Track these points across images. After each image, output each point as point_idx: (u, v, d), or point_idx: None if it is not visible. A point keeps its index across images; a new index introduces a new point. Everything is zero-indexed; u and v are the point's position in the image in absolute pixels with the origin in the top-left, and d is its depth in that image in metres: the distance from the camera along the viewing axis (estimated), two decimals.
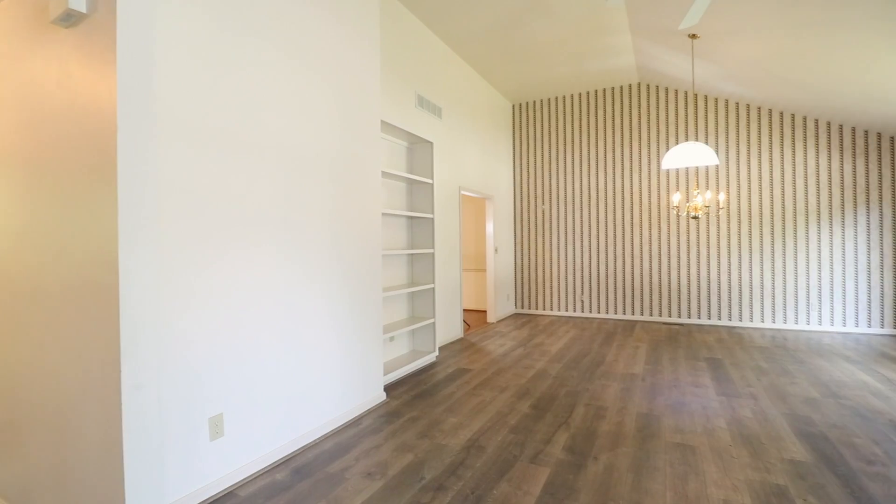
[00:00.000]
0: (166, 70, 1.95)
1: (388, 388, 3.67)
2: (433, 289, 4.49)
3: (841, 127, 5.77)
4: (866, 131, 5.66)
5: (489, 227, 6.78)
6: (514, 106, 7.69)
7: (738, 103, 6.24)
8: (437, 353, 4.56)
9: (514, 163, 7.71)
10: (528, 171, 7.59)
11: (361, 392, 3.18)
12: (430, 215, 4.45)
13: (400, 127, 3.96)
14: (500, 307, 6.97)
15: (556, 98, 7.35)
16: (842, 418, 2.97)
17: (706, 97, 6.41)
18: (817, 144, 5.87)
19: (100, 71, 1.73)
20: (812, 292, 5.89)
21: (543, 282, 7.46)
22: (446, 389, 3.64)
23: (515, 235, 7.69)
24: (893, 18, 3.40)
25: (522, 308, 7.62)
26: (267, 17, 2.45)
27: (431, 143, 4.50)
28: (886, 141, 5.58)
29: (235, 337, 2.25)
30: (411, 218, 4.61)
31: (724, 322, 6.32)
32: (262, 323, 2.41)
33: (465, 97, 5.95)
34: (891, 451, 2.51)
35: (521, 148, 7.64)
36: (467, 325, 6.41)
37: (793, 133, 5.98)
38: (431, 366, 4.34)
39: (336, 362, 2.95)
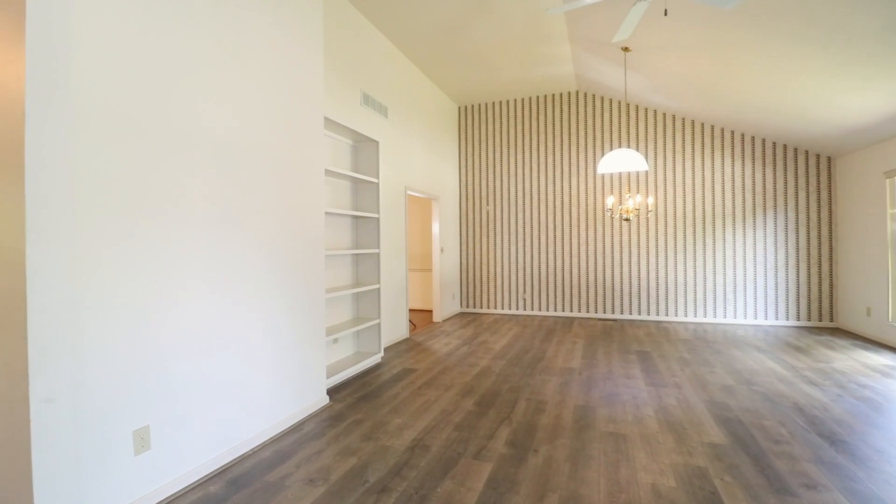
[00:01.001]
0: (83, 54, 1.78)
1: (332, 392, 3.59)
2: (378, 289, 4.45)
3: (753, 138, 6.37)
4: (774, 143, 6.29)
5: (435, 227, 6.82)
6: (459, 108, 7.78)
7: (665, 114, 6.72)
8: (382, 353, 4.52)
9: (459, 164, 7.81)
10: (473, 173, 7.72)
11: (303, 396, 3.09)
12: (375, 215, 4.40)
13: (344, 125, 3.89)
14: (445, 306, 7.03)
15: (501, 102, 7.53)
16: (753, 403, 3.29)
17: (637, 107, 6.84)
18: (733, 154, 6.45)
19: (5, 51, 1.56)
20: (728, 288, 6.46)
21: (488, 281, 7.62)
22: (391, 390, 3.62)
23: (461, 235, 7.80)
24: (803, 42, 3.81)
25: (468, 307, 7.74)
26: (200, 4, 2.32)
27: (377, 143, 4.45)
28: (791, 152, 6.23)
29: (161, 342, 2.11)
30: (356, 217, 4.54)
31: (653, 317, 6.77)
32: (194, 327, 2.27)
33: (412, 97, 5.95)
34: (794, 431, 2.81)
35: (466, 149, 7.75)
36: (413, 325, 6.41)
37: (712, 143, 6.53)
38: (377, 367, 4.30)
39: (275, 366, 2.84)
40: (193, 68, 2.28)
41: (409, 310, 8.01)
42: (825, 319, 6.12)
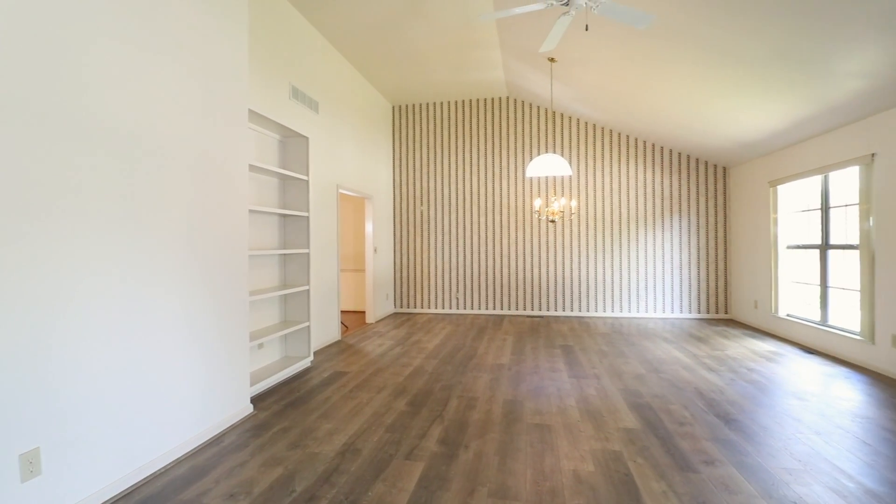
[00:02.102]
0: None
1: (257, 400, 3.41)
2: (308, 290, 4.29)
3: (662, 148, 6.99)
4: (680, 153, 6.94)
5: (368, 227, 6.72)
6: (394, 107, 7.74)
7: (587, 123, 7.16)
8: (312, 357, 4.37)
9: (394, 163, 7.76)
10: (407, 173, 7.71)
11: (224, 407, 2.91)
12: (304, 213, 4.25)
13: (271, 118, 3.70)
14: (379, 307, 6.96)
15: (435, 103, 7.59)
16: (662, 389, 3.60)
17: (562, 115, 7.22)
18: (645, 162, 7.03)
19: None
20: (640, 285, 7.04)
21: (421, 281, 7.65)
22: (321, 395, 3.51)
23: (395, 235, 7.75)
24: (702, 64, 4.24)
25: (401, 307, 7.71)
26: None
27: (307, 138, 4.30)
28: (693, 162, 6.92)
29: (52, 355, 1.88)
30: (284, 216, 4.35)
31: (576, 313, 7.20)
32: (93, 337, 2.05)
33: (345, 94, 5.81)
34: (695, 413, 3.13)
35: (401, 149, 7.73)
36: (345, 327, 6.26)
37: (628, 151, 7.07)
38: (306, 371, 4.15)
39: (192, 376, 2.64)
40: (94, 49, 2.05)
41: (341, 311, 7.81)
42: (721, 312, 6.87)
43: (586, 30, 3.01)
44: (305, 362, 4.28)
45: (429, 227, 7.65)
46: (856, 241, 4.36)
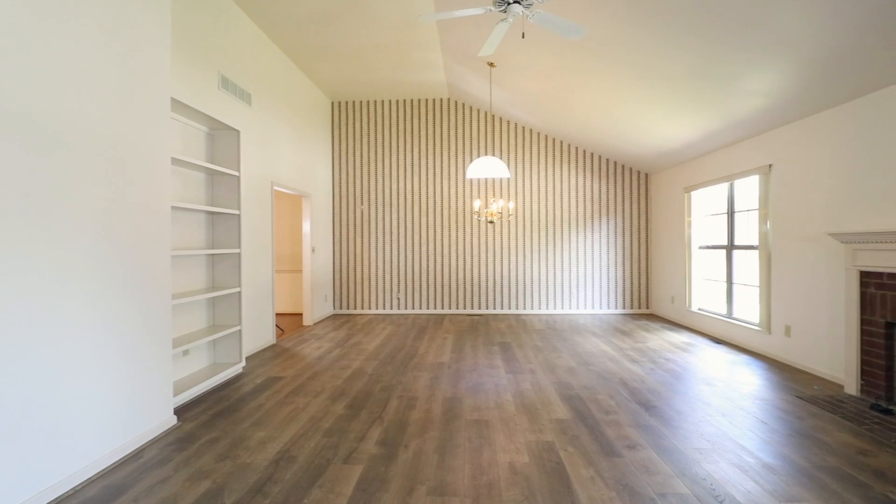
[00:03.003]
0: None
1: (182, 410, 3.19)
2: (239, 293, 4.08)
3: (592, 154, 7.41)
4: (608, 159, 7.40)
5: (306, 226, 6.50)
6: (333, 103, 7.55)
7: (524, 127, 7.42)
8: (244, 363, 4.16)
9: (333, 161, 7.57)
10: (347, 171, 7.56)
11: (143, 419, 2.69)
12: (235, 211, 4.03)
13: (198, 109, 3.48)
14: (317, 309, 6.76)
15: (377, 101, 7.51)
16: (590, 381, 3.83)
17: (501, 119, 7.43)
18: (577, 166, 7.42)
19: None
20: (573, 283, 7.42)
21: (362, 281, 7.53)
22: (254, 402, 3.36)
23: (334, 235, 7.57)
24: (626, 78, 4.54)
25: (341, 308, 7.55)
26: None
27: (238, 132, 4.08)
28: (619, 168, 7.40)
29: None
30: (213, 214, 4.10)
31: (514, 311, 7.44)
32: None
33: (281, 87, 5.58)
34: (620, 401, 3.35)
35: (340, 146, 7.56)
36: (280, 331, 6.02)
37: (562, 156, 7.42)
38: (237, 378, 3.94)
39: (107, 387, 2.42)
40: None
41: (276, 314, 7.50)
42: (643, 307, 7.41)
43: (522, 37, 3.13)
44: (237, 368, 4.06)
45: (369, 226, 7.55)
46: (756, 242, 4.89)
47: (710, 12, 3.15)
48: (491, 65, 5.39)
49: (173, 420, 2.95)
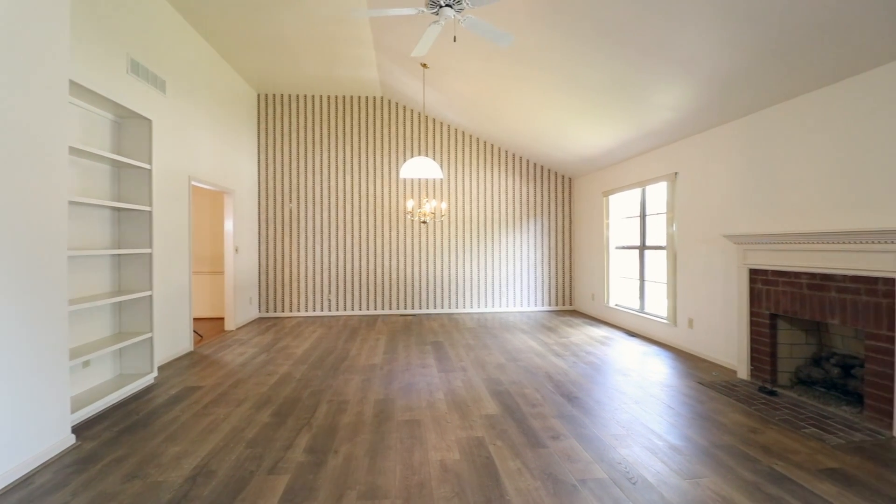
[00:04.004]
0: None
1: (82, 428, 2.87)
2: (150, 296, 3.75)
3: (521, 158, 7.70)
4: (535, 163, 7.74)
5: (228, 224, 6.11)
6: (259, 95, 7.16)
7: (457, 129, 7.54)
8: (155, 373, 3.83)
9: (259, 156, 7.18)
10: (275, 167, 7.21)
11: (33, 441, 2.38)
12: (146, 207, 3.69)
13: (102, 94, 3.14)
14: (240, 312, 6.38)
15: (307, 96, 7.23)
16: (518, 376, 3.98)
17: (434, 120, 7.49)
18: (507, 169, 7.68)
19: None
20: (503, 282, 7.67)
21: (290, 282, 7.23)
22: (167, 415, 3.10)
23: (260, 234, 7.19)
24: (551, 86, 4.77)
25: (268, 311, 7.19)
26: None
27: (150, 121, 3.74)
28: (546, 172, 7.77)
29: None
30: (120, 210, 3.73)
31: (447, 310, 7.54)
32: None
33: (201, 75, 5.19)
34: (545, 394, 3.52)
35: (267, 141, 7.19)
36: (199, 337, 5.61)
37: (493, 159, 7.64)
38: (148, 390, 3.62)
39: None
40: None
41: (195, 319, 6.98)
42: (567, 304, 7.85)
43: (454, 41, 3.18)
44: (147, 379, 3.73)
45: (298, 225, 7.26)
46: (664, 243, 5.37)
47: (623, 32, 3.41)
48: (424, 66, 5.41)
49: (72, 439, 2.64)
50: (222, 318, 6.88)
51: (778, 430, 2.83)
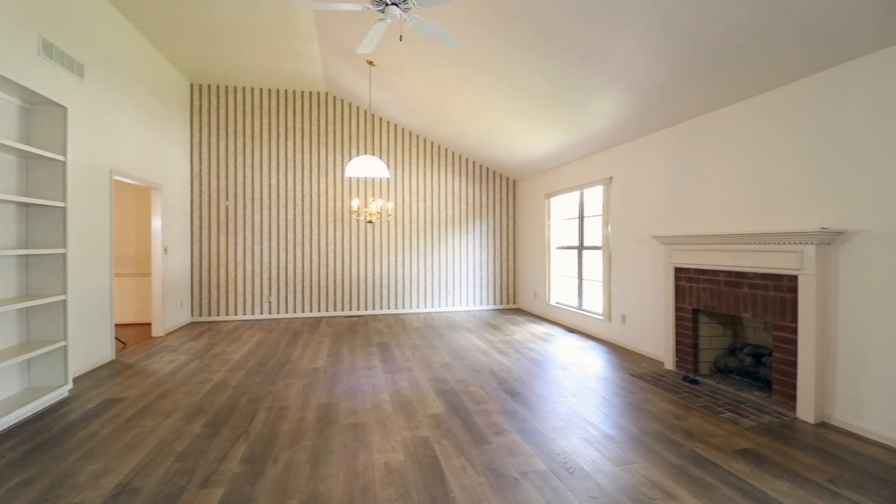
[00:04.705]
0: None
1: None
2: (64, 301, 3.41)
3: (468, 160, 7.81)
4: (481, 165, 7.87)
5: (156, 223, 5.69)
6: (193, 85, 6.72)
7: (404, 129, 7.51)
8: (70, 385, 3.49)
9: (192, 150, 6.74)
10: (210, 162, 6.80)
11: None
12: (59, 203, 3.35)
13: (4, 75, 2.81)
14: (170, 317, 5.96)
15: (246, 88, 6.89)
16: (464, 374, 4.03)
17: (381, 119, 7.41)
18: (454, 170, 7.76)
19: None
20: (450, 282, 7.74)
21: (227, 285, 6.86)
22: (84, 430, 2.84)
23: (193, 233, 6.76)
24: (495, 90, 4.87)
25: (201, 315, 6.77)
26: None
27: (65, 108, 3.40)
28: (491, 174, 7.93)
29: None
30: (27, 206, 3.36)
31: (393, 310, 7.49)
32: None
33: (125, 61, 4.78)
34: (489, 391, 3.59)
35: (202, 134, 6.76)
36: (122, 344, 5.19)
37: (440, 159, 7.69)
38: (62, 404, 3.29)
39: None
40: None
41: (117, 325, 6.44)
42: (511, 303, 8.06)
43: (400, 40, 3.17)
44: (61, 392, 3.39)
45: (236, 224, 6.90)
46: (600, 243, 5.66)
47: (563, 40, 3.56)
48: (371, 63, 5.34)
49: None
50: (149, 324, 6.40)
51: (699, 416, 3.08)
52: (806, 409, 3.00)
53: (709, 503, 2.06)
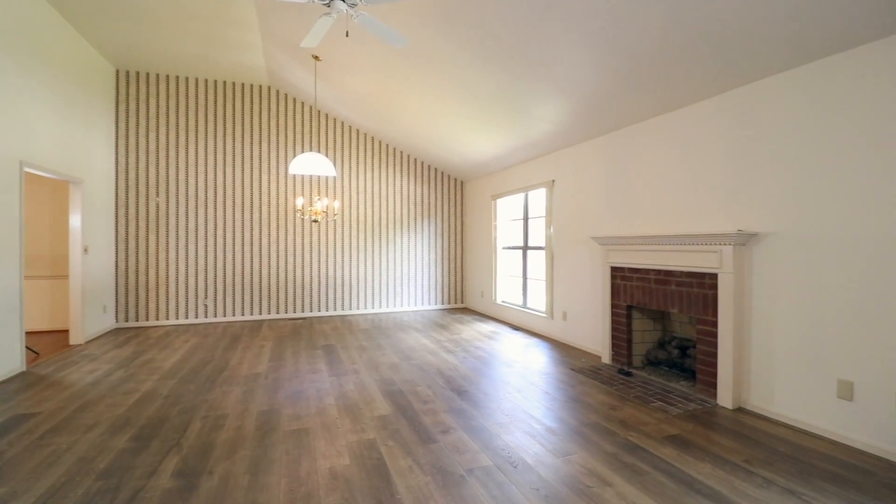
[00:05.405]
0: None
1: None
2: None
3: (416, 160, 7.81)
4: (430, 165, 7.90)
5: (75, 220, 5.20)
6: (119, 72, 6.21)
7: (350, 126, 7.37)
8: None
9: (118, 142, 6.23)
10: (139, 155, 6.31)
11: None
12: None
13: None
14: (91, 323, 5.48)
15: (180, 77, 6.46)
16: (411, 374, 4.03)
17: (327, 115, 7.23)
18: (402, 170, 7.72)
19: None
20: (398, 282, 7.70)
21: (157, 287, 6.40)
22: None
23: (118, 232, 6.24)
24: (444, 92, 4.90)
25: (127, 321, 6.27)
26: None
27: None
28: (440, 174, 7.98)
29: None
30: None
31: (339, 312, 7.33)
32: None
33: (38, 41, 4.32)
34: (437, 390, 3.61)
35: (129, 125, 6.26)
36: (34, 354, 4.70)
37: (388, 159, 7.62)
38: None
39: None
40: None
41: (28, 332, 5.83)
42: (459, 302, 8.16)
43: (346, 36, 3.11)
44: None
45: (167, 222, 6.46)
46: (543, 243, 5.86)
47: (509, 45, 3.65)
48: (316, 58, 5.19)
49: None
50: (67, 331, 5.84)
51: (633, 406, 3.27)
52: (725, 396, 3.28)
53: (641, 488, 2.19)
